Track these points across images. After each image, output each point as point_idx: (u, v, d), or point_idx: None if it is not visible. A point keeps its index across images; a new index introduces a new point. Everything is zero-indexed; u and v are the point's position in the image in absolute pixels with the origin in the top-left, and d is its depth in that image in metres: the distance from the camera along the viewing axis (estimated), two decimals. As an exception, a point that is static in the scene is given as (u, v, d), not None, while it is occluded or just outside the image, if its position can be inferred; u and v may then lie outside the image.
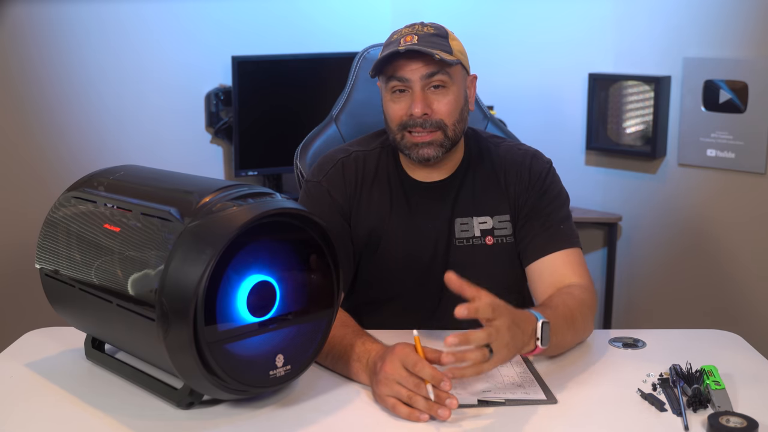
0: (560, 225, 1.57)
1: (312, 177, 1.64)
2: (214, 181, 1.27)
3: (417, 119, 1.50)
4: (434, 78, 1.50)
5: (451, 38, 1.55)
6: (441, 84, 1.50)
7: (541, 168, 1.61)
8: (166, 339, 1.12)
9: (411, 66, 1.50)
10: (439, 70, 1.49)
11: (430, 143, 1.52)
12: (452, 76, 1.51)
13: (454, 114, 1.52)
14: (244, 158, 2.99)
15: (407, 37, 1.51)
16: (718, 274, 2.81)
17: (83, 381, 1.34)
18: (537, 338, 1.28)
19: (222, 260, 1.12)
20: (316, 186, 1.61)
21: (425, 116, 1.50)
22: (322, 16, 3.23)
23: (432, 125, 1.51)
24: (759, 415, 1.17)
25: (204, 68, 3.01)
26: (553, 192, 1.61)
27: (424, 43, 1.49)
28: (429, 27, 1.55)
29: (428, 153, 1.52)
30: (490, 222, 1.59)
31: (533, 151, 1.66)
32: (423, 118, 1.50)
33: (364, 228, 1.59)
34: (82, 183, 1.40)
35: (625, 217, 3.03)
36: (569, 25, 3.08)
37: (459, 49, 1.54)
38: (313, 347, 1.27)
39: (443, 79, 1.50)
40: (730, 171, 2.73)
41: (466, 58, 1.57)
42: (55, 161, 2.66)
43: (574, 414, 1.23)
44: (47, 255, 1.38)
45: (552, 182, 1.61)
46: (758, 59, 2.62)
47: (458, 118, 1.53)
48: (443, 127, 1.52)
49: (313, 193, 1.61)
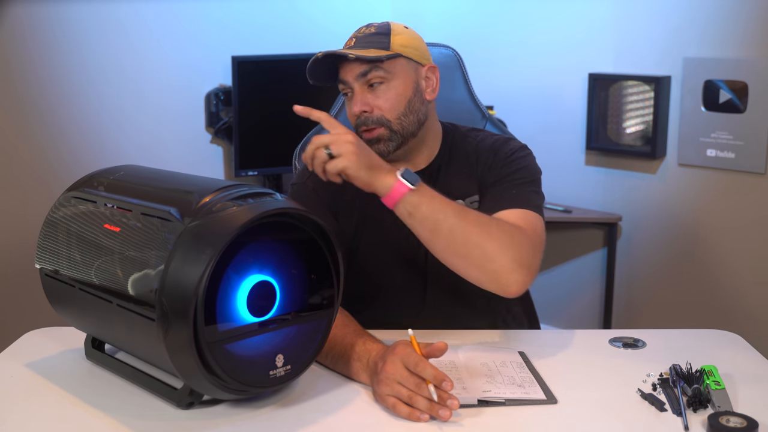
0: (513, 189, 1.53)
1: (297, 179, 1.66)
2: (214, 181, 1.27)
3: (361, 118, 1.54)
4: (369, 76, 1.52)
5: (395, 33, 1.56)
6: (379, 81, 1.53)
7: (509, 149, 1.60)
8: (166, 339, 1.12)
9: (345, 69, 1.55)
10: (372, 67, 1.52)
11: (378, 139, 1.54)
12: (389, 70, 1.53)
13: (397, 108, 1.53)
14: (244, 158, 2.99)
15: (348, 42, 1.58)
16: (718, 274, 2.81)
17: (83, 381, 1.34)
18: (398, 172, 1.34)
19: (222, 260, 1.12)
20: (302, 187, 1.63)
21: (365, 114, 1.53)
22: (322, 16, 3.23)
23: (374, 122, 1.53)
24: (759, 415, 1.17)
25: (204, 68, 3.01)
26: (515, 164, 1.57)
27: (360, 44, 1.54)
28: (373, 27, 1.58)
29: (380, 148, 1.54)
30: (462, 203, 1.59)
31: (507, 138, 1.65)
32: (364, 117, 1.54)
33: (349, 223, 1.60)
34: (82, 183, 1.40)
35: (625, 217, 3.03)
36: (569, 25, 3.08)
37: (402, 43, 1.55)
38: (313, 347, 1.27)
39: (379, 75, 1.52)
40: (730, 171, 2.73)
41: (417, 50, 1.57)
42: (55, 161, 2.66)
43: (574, 414, 1.23)
44: (47, 255, 1.38)
45: (517, 158, 1.58)
46: (758, 59, 2.62)
47: (404, 110, 1.54)
48: (385, 122, 1.53)
49: (299, 194, 1.62)
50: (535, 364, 1.39)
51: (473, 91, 1.91)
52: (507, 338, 1.51)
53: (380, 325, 1.56)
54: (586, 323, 3.18)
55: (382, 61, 1.51)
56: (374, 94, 1.53)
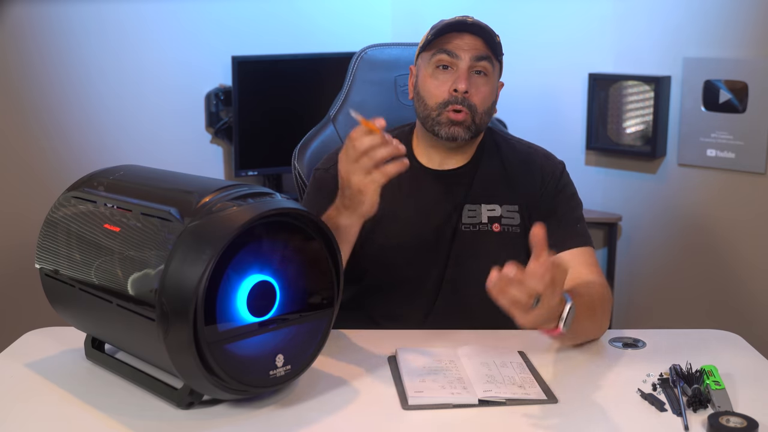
0: (576, 224, 1.61)
1: (321, 166, 1.67)
2: (214, 181, 1.27)
3: (458, 96, 1.53)
4: (481, 63, 1.54)
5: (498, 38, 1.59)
6: (484, 71, 1.55)
7: (554, 168, 1.66)
8: (166, 339, 1.12)
9: (467, 41, 1.53)
10: (488, 56, 1.54)
11: (462, 123, 1.54)
12: (495, 68, 1.57)
13: (486, 103, 1.56)
14: (244, 158, 2.99)
15: (466, 18, 1.56)
16: (718, 274, 2.81)
17: (83, 381, 1.34)
18: (561, 318, 1.26)
19: (222, 260, 1.12)
20: (324, 173, 1.64)
21: (465, 94, 1.53)
22: (321, 16, 3.23)
23: (468, 106, 1.54)
24: (759, 415, 1.17)
25: (204, 68, 3.01)
26: (568, 193, 1.65)
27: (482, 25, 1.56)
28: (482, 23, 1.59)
29: (458, 132, 1.55)
30: (499, 210, 1.61)
31: (545, 151, 1.70)
32: (462, 96, 1.53)
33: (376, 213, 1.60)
34: (82, 183, 1.40)
35: (625, 217, 3.03)
36: (569, 25, 3.08)
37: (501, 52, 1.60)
38: (313, 347, 1.27)
39: (488, 66, 1.55)
40: (730, 171, 2.73)
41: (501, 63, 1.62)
42: (55, 161, 2.66)
43: (574, 414, 1.23)
44: (47, 255, 1.38)
45: (567, 184, 1.66)
46: (758, 59, 2.62)
47: (488, 108, 1.57)
48: (475, 110, 1.55)
49: (320, 180, 1.63)
50: (535, 364, 1.39)
51: (473, 91, 1.91)
52: (507, 338, 1.51)
53: (392, 319, 1.57)
54: (586, 323, 3.18)
55: (499, 54, 1.55)
56: (476, 81, 1.54)
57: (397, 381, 1.32)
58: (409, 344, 1.47)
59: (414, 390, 1.26)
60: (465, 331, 1.54)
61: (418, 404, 1.23)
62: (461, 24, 1.54)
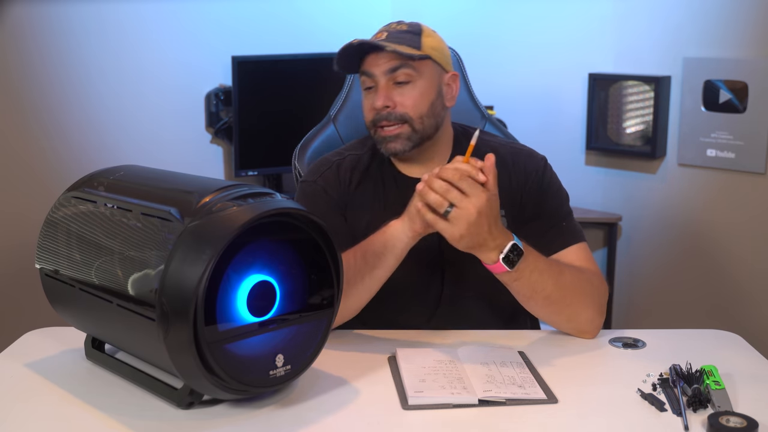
0: (563, 221, 1.59)
1: (307, 177, 1.66)
2: (214, 181, 1.27)
3: (382, 113, 1.53)
4: (398, 72, 1.53)
5: (426, 35, 1.56)
6: (406, 79, 1.53)
7: (537, 166, 1.63)
8: (166, 339, 1.12)
9: (374, 61, 1.54)
10: (403, 64, 1.52)
11: (397, 137, 1.54)
12: (418, 70, 1.53)
13: (421, 107, 1.54)
14: (244, 158, 2.99)
15: (378, 35, 1.56)
16: (718, 274, 2.81)
17: (83, 381, 1.34)
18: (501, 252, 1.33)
19: (222, 260, 1.12)
20: (312, 185, 1.63)
21: (387, 109, 1.53)
22: (321, 16, 3.22)
23: (396, 118, 1.53)
24: (759, 415, 1.17)
25: (204, 68, 3.00)
26: (553, 189, 1.62)
27: (392, 39, 1.53)
28: (404, 25, 1.58)
29: (395, 147, 1.55)
30: None
31: (527, 149, 1.67)
32: (386, 111, 1.53)
33: (359, 225, 1.59)
34: (82, 183, 1.40)
35: (625, 217, 3.03)
36: (569, 25, 3.08)
37: (432, 46, 1.56)
38: (313, 347, 1.27)
39: (408, 73, 1.53)
40: (730, 171, 2.73)
41: (443, 55, 1.59)
42: (55, 161, 2.66)
43: (574, 414, 1.23)
44: (47, 255, 1.38)
45: (550, 180, 1.63)
46: (758, 59, 2.62)
47: (426, 112, 1.55)
48: (408, 119, 1.54)
49: (308, 192, 1.62)
50: (535, 364, 1.39)
51: (473, 91, 1.91)
52: (507, 338, 1.51)
53: (393, 324, 1.56)
54: (586, 323, 3.18)
55: (414, 59, 1.51)
56: (399, 91, 1.54)
57: (397, 381, 1.32)
58: (409, 344, 1.47)
59: (414, 390, 1.26)
60: (465, 331, 1.54)
61: (418, 404, 1.23)
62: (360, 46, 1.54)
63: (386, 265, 1.46)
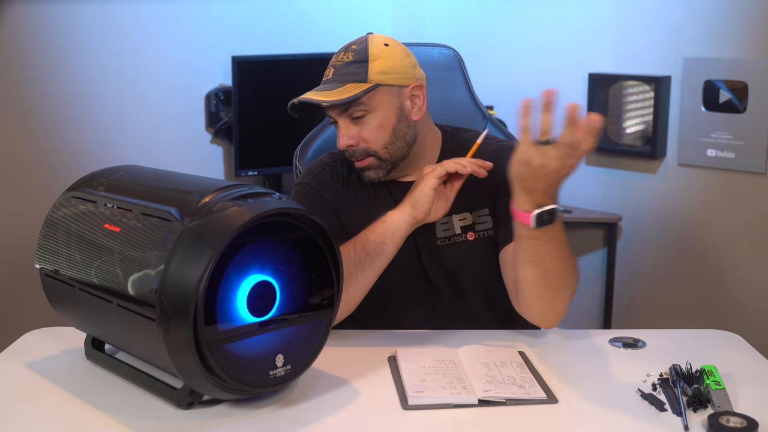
0: None
1: (302, 180, 1.67)
2: (214, 181, 1.27)
3: (348, 151, 1.56)
4: (350, 111, 1.53)
5: (373, 58, 1.52)
6: (361, 115, 1.53)
7: None
8: (166, 339, 1.12)
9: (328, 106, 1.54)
10: (351, 104, 1.51)
11: (368, 168, 1.56)
12: (369, 104, 1.52)
13: (381, 138, 1.54)
14: (244, 158, 2.99)
15: (327, 71, 1.58)
16: (718, 274, 2.81)
17: (83, 381, 1.34)
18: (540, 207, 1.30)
19: (222, 260, 1.12)
20: (306, 187, 1.64)
21: (350, 147, 1.55)
22: (321, 16, 3.23)
23: (361, 154, 1.55)
24: (759, 415, 1.17)
25: (204, 68, 3.01)
26: None
27: (338, 75, 1.54)
28: (349, 54, 1.55)
29: (370, 176, 1.58)
30: (470, 218, 1.60)
31: (511, 144, 1.64)
32: (351, 150, 1.55)
33: (353, 225, 1.60)
34: (82, 183, 1.40)
35: (625, 217, 3.03)
36: (569, 25, 3.08)
37: (381, 70, 1.52)
38: (313, 347, 1.27)
39: (360, 109, 1.52)
40: (730, 171, 2.73)
41: (397, 73, 1.54)
42: (55, 161, 2.66)
43: (574, 414, 1.23)
44: (47, 255, 1.38)
45: None
46: (758, 59, 2.62)
47: (389, 139, 1.54)
48: (372, 153, 1.55)
49: (303, 194, 1.63)
50: (535, 364, 1.39)
51: (473, 91, 1.91)
52: (507, 338, 1.51)
53: (385, 325, 1.57)
54: (586, 323, 3.17)
55: (359, 98, 1.50)
56: (359, 125, 1.54)
57: (397, 381, 1.32)
58: (409, 344, 1.47)
59: (414, 390, 1.26)
60: (465, 331, 1.54)
61: (418, 404, 1.23)
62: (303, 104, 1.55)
63: (386, 253, 1.48)
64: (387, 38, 1.57)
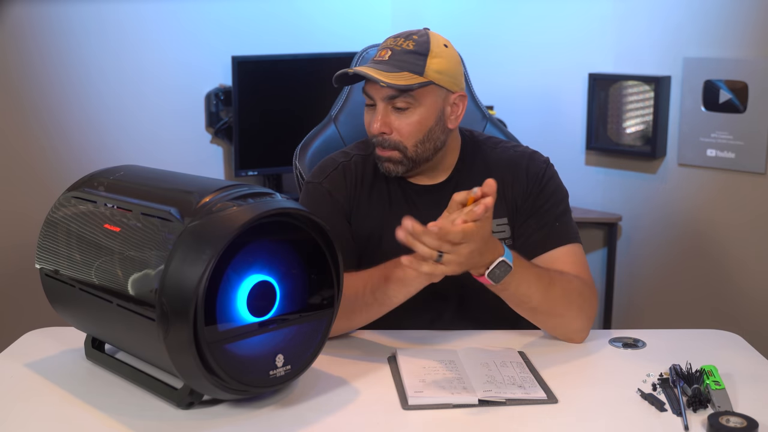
0: (556, 221, 1.57)
1: (313, 179, 1.64)
2: (214, 181, 1.27)
3: (378, 137, 1.54)
4: (396, 100, 1.50)
5: (433, 55, 1.51)
6: (405, 106, 1.51)
7: (538, 168, 1.61)
8: (166, 339, 1.12)
9: (374, 85, 1.51)
10: (400, 93, 1.49)
11: (390, 159, 1.55)
12: (418, 98, 1.50)
13: (416, 135, 1.52)
14: (244, 158, 2.99)
15: (382, 52, 1.53)
16: (718, 274, 2.81)
17: (83, 381, 1.34)
18: (488, 268, 1.33)
19: (222, 260, 1.12)
20: (317, 187, 1.61)
21: (383, 135, 1.53)
22: (321, 16, 3.23)
23: (390, 145, 1.53)
24: (759, 415, 1.17)
25: (204, 68, 3.00)
26: (550, 188, 1.60)
27: (395, 60, 1.50)
28: (410, 42, 1.52)
29: (388, 167, 1.56)
30: None
31: (530, 152, 1.65)
32: (381, 137, 1.53)
33: (364, 229, 1.59)
34: (82, 183, 1.40)
35: (625, 217, 3.03)
36: (569, 25, 3.08)
37: (438, 69, 1.51)
38: (313, 347, 1.27)
39: (406, 101, 1.50)
40: (730, 171, 2.73)
41: (450, 77, 1.53)
42: (55, 161, 2.66)
43: (574, 414, 1.23)
44: (47, 255, 1.38)
45: (549, 179, 1.61)
46: (758, 59, 2.62)
47: (422, 138, 1.53)
48: (401, 147, 1.53)
49: (313, 194, 1.61)
50: (535, 364, 1.39)
51: (473, 91, 1.91)
52: (507, 338, 1.51)
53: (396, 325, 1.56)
54: (586, 323, 3.18)
55: (413, 89, 1.49)
56: (397, 116, 1.52)
57: (397, 381, 1.32)
58: (409, 344, 1.47)
59: (414, 390, 1.26)
60: (465, 331, 1.54)
61: (418, 404, 1.23)
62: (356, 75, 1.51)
63: (395, 302, 1.45)
64: (446, 40, 1.57)
